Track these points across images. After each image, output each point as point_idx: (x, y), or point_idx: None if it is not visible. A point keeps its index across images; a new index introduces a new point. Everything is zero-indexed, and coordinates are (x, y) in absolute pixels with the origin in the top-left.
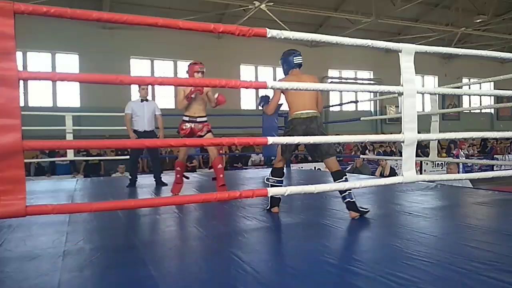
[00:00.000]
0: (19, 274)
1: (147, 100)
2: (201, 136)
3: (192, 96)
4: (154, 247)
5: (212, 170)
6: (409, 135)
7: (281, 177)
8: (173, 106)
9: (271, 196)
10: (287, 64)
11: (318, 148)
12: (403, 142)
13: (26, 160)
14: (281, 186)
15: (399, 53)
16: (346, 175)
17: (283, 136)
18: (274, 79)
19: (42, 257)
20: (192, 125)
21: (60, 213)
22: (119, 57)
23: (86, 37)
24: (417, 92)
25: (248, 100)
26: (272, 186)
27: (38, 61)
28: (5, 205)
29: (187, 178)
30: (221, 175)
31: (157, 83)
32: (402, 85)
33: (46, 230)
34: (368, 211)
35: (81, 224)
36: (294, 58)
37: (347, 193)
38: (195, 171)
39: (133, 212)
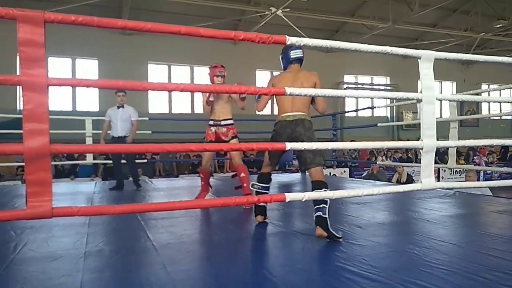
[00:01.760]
0: (43, 274)
1: (123, 106)
2: (226, 141)
3: (211, 99)
4: (172, 250)
5: (231, 174)
6: (428, 142)
7: (267, 183)
8: (189, 111)
9: (256, 205)
10: (285, 59)
11: (302, 155)
12: (421, 149)
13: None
14: (266, 192)
15: (418, 60)
16: (327, 188)
17: (270, 140)
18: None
19: (64, 257)
20: (217, 129)
21: (84, 215)
22: (137, 63)
23: (105, 43)
24: (436, 98)
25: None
26: (257, 192)
27: (59, 66)
28: (33, 206)
29: (211, 187)
30: (245, 184)
31: (178, 90)
32: (421, 92)
33: (68, 231)
34: (340, 239)
35: (101, 226)
36: (291, 52)
37: (321, 205)
38: (212, 176)
39: (151, 215)
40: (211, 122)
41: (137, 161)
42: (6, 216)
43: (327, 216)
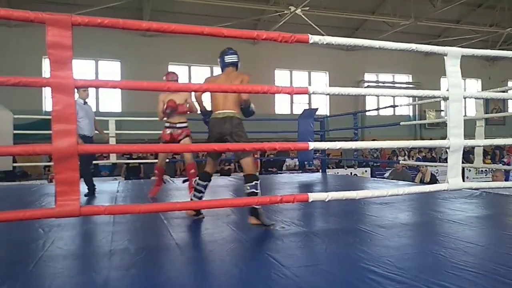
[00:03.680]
0: (70, 271)
1: (87, 102)
2: (179, 141)
3: (167, 111)
4: (195, 249)
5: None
6: (455, 140)
7: (205, 181)
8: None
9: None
10: (221, 63)
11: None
12: (448, 148)
13: None
14: (202, 190)
15: (444, 57)
16: (257, 181)
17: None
18: (309, 84)
19: (91, 255)
20: (172, 130)
21: (111, 213)
22: (158, 63)
23: (127, 45)
24: (463, 96)
25: (282, 105)
26: (195, 190)
27: (83, 68)
28: (62, 205)
29: (164, 182)
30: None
31: (201, 90)
32: (447, 90)
33: (93, 229)
34: (272, 225)
35: (125, 224)
36: (226, 57)
37: (251, 190)
38: (230, 175)
39: (173, 214)
40: (167, 124)
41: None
42: (37, 214)
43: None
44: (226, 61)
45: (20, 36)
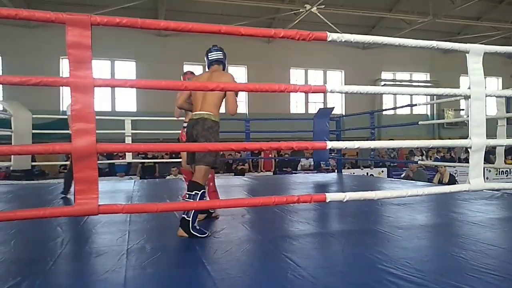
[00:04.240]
0: (88, 269)
1: None
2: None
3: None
4: (211, 249)
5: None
6: (477, 140)
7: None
8: (245, 111)
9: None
10: (206, 61)
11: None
12: (470, 148)
13: None
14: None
15: (466, 54)
16: (198, 191)
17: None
18: (325, 82)
19: (108, 254)
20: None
21: (128, 212)
22: (173, 63)
23: (142, 45)
24: (486, 94)
25: (297, 105)
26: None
27: (99, 68)
28: (81, 203)
29: None
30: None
31: (219, 89)
32: (469, 88)
33: (110, 228)
34: (206, 235)
35: (141, 223)
36: (209, 54)
37: (188, 199)
38: (244, 175)
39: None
40: (185, 124)
41: (172, 160)
42: (56, 212)
43: (190, 219)
44: (210, 58)
45: (39, 37)
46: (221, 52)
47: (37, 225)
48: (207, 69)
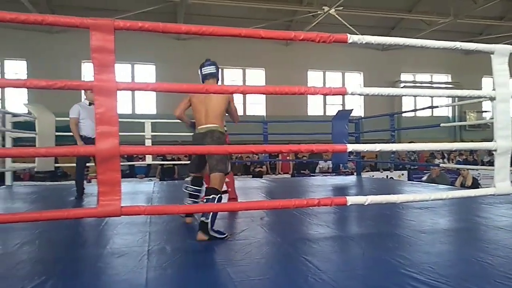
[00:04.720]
0: (110, 269)
1: (92, 104)
2: None
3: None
4: (231, 251)
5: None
6: (503, 143)
7: (198, 187)
8: (264, 113)
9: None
10: (201, 75)
11: (208, 161)
12: (495, 150)
13: None
14: (197, 195)
15: (491, 55)
16: (216, 195)
17: None
18: (343, 85)
19: (129, 254)
20: None
21: (150, 214)
22: (192, 66)
23: (162, 48)
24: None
25: (314, 107)
26: (190, 194)
27: (120, 72)
28: (104, 205)
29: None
30: (230, 189)
31: (239, 92)
32: (493, 89)
33: (131, 229)
34: (225, 237)
35: (161, 225)
36: (203, 69)
37: (206, 202)
38: (262, 177)
39: None
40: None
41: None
42: (80, 213)
43: (209, 221)
44: (204, 72)
45: (61, 42)
46: (214, 66)
47: (60, 226)
48: (201, 83)
